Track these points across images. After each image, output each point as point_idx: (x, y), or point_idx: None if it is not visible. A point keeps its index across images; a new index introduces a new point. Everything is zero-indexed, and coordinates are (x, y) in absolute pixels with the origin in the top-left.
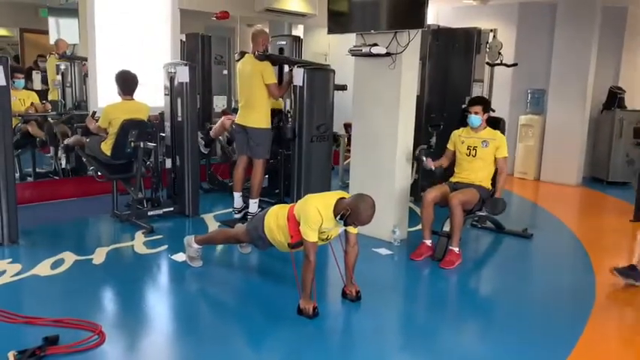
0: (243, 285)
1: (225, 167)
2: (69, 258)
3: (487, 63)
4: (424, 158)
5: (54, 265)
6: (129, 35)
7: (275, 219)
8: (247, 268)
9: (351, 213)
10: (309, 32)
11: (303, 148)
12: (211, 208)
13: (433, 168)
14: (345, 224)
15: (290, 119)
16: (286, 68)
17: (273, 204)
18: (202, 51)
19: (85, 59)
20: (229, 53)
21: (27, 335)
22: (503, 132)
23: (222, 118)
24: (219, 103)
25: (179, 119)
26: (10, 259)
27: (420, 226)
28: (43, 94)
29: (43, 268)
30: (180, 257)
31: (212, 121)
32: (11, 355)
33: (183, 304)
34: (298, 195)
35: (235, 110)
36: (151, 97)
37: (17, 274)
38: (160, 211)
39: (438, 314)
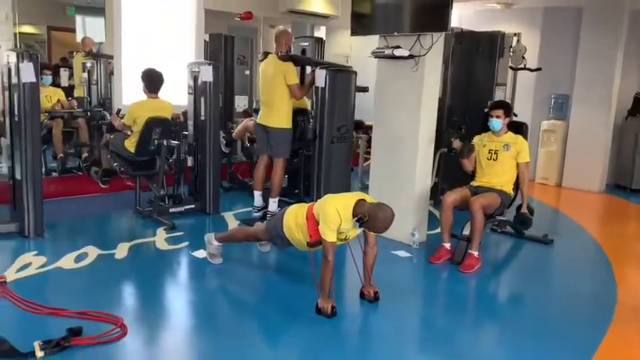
0: (262, 283)
1: (245, 166)
2: (92, 252)
3: (510, 67)
4: (452, 140)
5: (77, 259)
6: (154, 34)
7: (294, 218)
8: (266, 267)
9: (369, 219)
10: (331, 34)
11: (324, 148)
12: (231, 206)
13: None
14: (360, 226)
15: (311, 120)
16: (308, 69)
17: (292, 204)
18: (225, 51)
19: (111, 57)
20: (252, 53)
21: (51, 326)
22: (525, 137)
23: (245, 120)
24: (240, 102)
25: (202, 118)
26: (36, 252)
27: (439, 230)
28: (69, 91)
29: (67, 261)
30: (200, 254)
31: (233, 120)
32: (37, 344)
33: (202, 300)
34: (318, 195)
35: (257, 110)
36: (175, 95)
37: (42, 266)
38: (182, 208)
39: (456, 317)
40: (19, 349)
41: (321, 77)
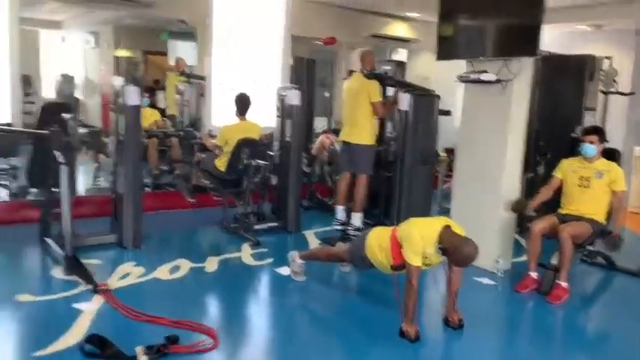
0: (344, 302)
1: (324, 186)
2: (184, 265)
3: (601, 91)
4: (529, 212)
5: (172, 270)
6: (242, 58)
7: (377, 240)
8: (348, 287)
9: (453, 251)
10: (411, 56)
11: (406, 171)
12: (311, 224)
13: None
14: (443, 255)
15: (393, 142)
16: (390, 90)
17: (371, 225)
18: (307, 74)
19: (202, 78)
20: (332, 76)
21: (150, 333)
22: (618, 164)
23: (322, 136)
24: (319, 124)
25: (287, 139)
26: (135, 263)
27: (524, 258)
28: (162, 111)
29: (163, 273)
30: (284, 271)
31: (312, 141)
32: (140, 350)
33: (286, 316)
34: (398, 217)
35: (336, 131)
36: (261, 117)
37: (141, 276)
38: (265, 226)
39: (542, 349)
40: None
41: (405, 100)
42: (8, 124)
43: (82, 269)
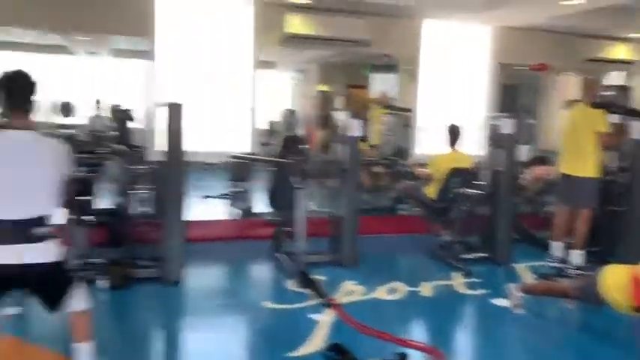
0: (568, 338)
1: (533, 218)
2: (400, 287)
3: None
4: None
5: (389, 291)
6: (447, 88)
7: (613, 278)
8: (572, 322)
9: None
10: (629, 79)
11: (637, 205)
12: (521, 258)
13: None
14: None
15: (621, 174)
16: (615, 118)
17: (595, 263)
18: (510, 100)
19: (408, 110)
20: (535, 102)
21: (377, 348)
22: None
23: (535, 169)
24: (523, 152)
25: (498, 168)
26: (355, 282)
27: None
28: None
29: (381, 293)
30: (500, 302)
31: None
32: None
33: (507, 348)
34: (627, 255)
35: (540, 159)
36: (466, 145)
37: (363, 294)
38: (472, 255)
39: None
40: None
41: (637, 129)
42: (252, 154)
43: (314, 284)
